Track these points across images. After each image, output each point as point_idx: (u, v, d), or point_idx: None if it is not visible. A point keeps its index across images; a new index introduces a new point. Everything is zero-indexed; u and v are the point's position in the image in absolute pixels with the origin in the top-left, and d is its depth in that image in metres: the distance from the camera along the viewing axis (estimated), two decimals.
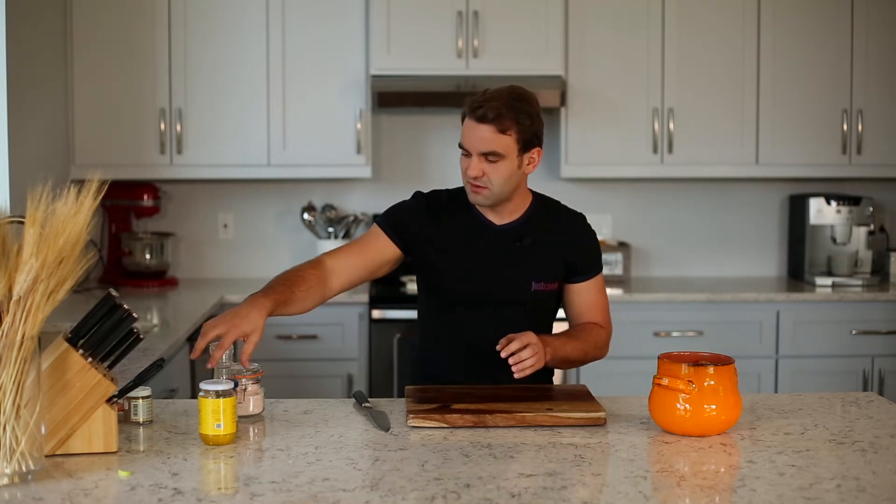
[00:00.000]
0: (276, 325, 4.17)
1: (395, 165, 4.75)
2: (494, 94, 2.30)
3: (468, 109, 2.31)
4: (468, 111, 2.31)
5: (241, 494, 1.62)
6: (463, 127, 2.33)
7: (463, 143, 2.32)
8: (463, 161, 2.33)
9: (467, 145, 2.31)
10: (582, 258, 2.45)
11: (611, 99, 4.43)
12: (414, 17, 4.30)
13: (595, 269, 2.47)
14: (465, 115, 2.33)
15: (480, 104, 2.28)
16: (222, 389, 1.88)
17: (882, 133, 4.49)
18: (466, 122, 2.32)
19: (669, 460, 1.81)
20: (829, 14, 4.45)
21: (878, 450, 1.87)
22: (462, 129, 2.33)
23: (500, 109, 2.27)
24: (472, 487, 1.63)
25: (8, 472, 1.63)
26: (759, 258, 4.83)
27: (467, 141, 2.30)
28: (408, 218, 2.46)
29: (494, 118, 2.26)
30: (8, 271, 1.63)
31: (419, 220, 2.45)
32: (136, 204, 4.49)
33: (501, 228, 2.42)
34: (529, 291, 2.40)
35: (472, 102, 2.30)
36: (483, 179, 2.31)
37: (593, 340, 2.41)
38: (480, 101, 2.29)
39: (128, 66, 4.31)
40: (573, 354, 2.36)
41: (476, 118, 2.28)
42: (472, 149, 2.30)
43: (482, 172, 2.29)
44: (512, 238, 2.41)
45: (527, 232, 2.42)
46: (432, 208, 2.47)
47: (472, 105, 2.30)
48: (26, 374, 1.64)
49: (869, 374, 4.25)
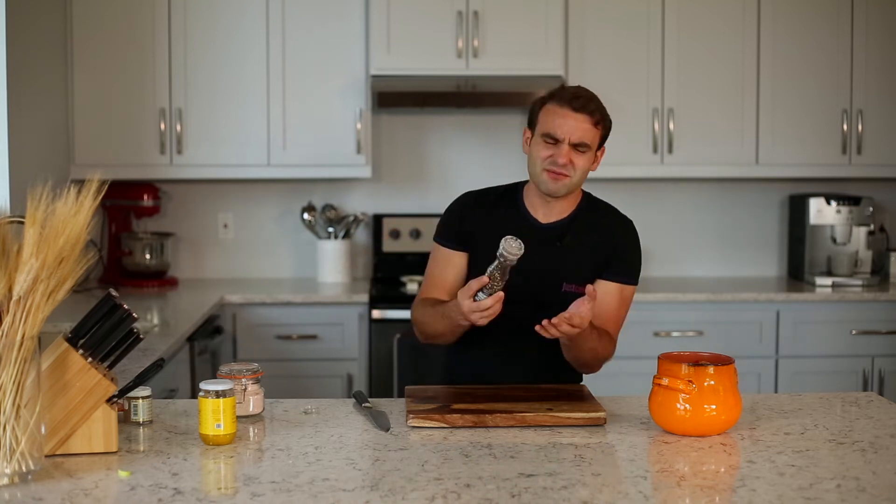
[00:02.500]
0: (276, 325, 4.17)
1: (395, 165, 4.75)
2: (580, 89, 2.37)
3: (561, 100, 2.33)
4: (560, 101, 2.33)
5: (241, 494, 1.62)
6: (547, 115, 2.34)
7: (552, 131, 2.32)
8: (544, 148, 2.34)
9: (560, 133, 2.32)
10: (616, 261, 2.43)
11: (611, 99, 4.35)
12: (414, 17, 4.30)
13: (624, 277, 2.44)
14: (542, 104, 2.36)
15: (577, 95, 2.33)
16: (222, 389, 1.88)
17: (882, 133, 4.50)
18: (556, 111, 2.33)
19: (669, 460, 1.81)
20: (828, 14, 4.45)
21: (878, 450, 1.87)
22: (542, 117, 2.36)
23: (596, 103, 2.34)
24: (472, 487, 1.63)
25: (8, 472, 1.63)
26: (759, 258, 4.83)
27: (560, 129, 2.32)
28: (455, 219, 2.49)
29: (594, 110, 2.32)
30: (8, 271, 1.63)
31: (466, 215, 2.48)
32: (136, 204, 4.49)
33: (545, 227, 2.42)
34: (559, 293, 2.38)
35: (565, 93, 2.34)
36: (568, 167, 2.33)
37: (602, 350, 2.37)
38: (574, 92, 2.34)
39: (128, 66, 4.31)
40: (587, 354, 2.34)
41: (573, 108, 2.31)
42: (566, 136, 2.32)
43: (570, 160, 2.32)
44: (553, 237, 2.41)
45: (569, 231, 2.42)
46: (480, 203, 2.49)
47: (566, 96, 2.34)
48: (26, 374, 1.64)
49: (869, 374, 4.25)
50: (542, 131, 2.34)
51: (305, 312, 4.18)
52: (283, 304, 4.18)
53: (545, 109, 2.36)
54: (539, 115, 2.38)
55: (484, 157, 4.69)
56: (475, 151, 4.74)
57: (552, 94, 2.38)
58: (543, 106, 2.37)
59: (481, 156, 4.71)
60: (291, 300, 4.18)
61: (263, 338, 4.17)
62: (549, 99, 2.37)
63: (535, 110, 2.40)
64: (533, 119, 2.40)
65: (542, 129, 2.35)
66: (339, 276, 4.51)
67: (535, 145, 2.37)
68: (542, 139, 2.35)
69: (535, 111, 2.40)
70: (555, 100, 2.35)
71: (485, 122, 4.75)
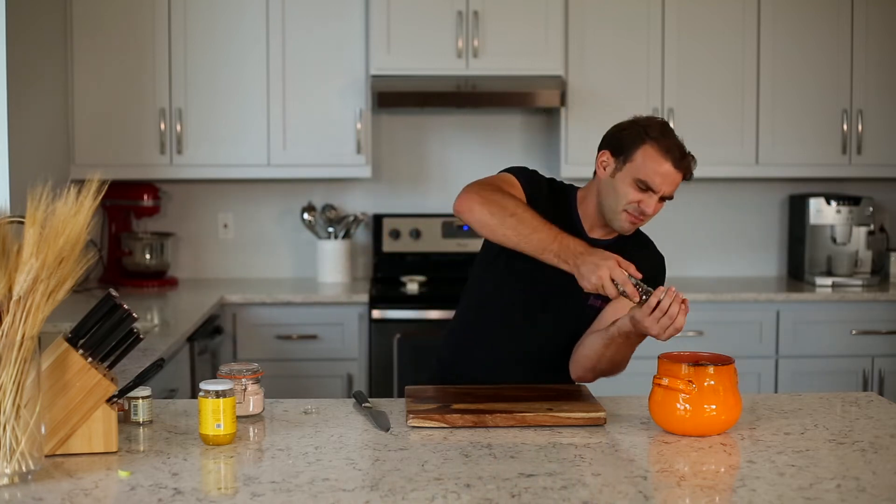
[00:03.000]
0: (276, 325, 4.18)
1: (395, 165, 4.75)
2: (675, 138, 2.28)
3: (662, 148, 2.24)
4: (662, 149, 2.24)
5: (241, 494, 1.62)
6: (647, 161, 2.25)
7: (650, 182, 2.24)
8: (634, 192, 2.26)
9: (661, 187, 2.25)
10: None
11: (611, 99, 4.43)
12: (414, 17, 4.30)
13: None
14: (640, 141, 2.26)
15: (677, 145, 2.26)
16: (222, 389, 1.88)
17: (882, 133, 4.50)
18: (657, 160, 2.24)
19: (669, 460, 1.81)
20: (828, 14, 4.45)
21: (878, 450, 1.86)
22: (640, 158, 2.26)
23: (689, 156, 2.28)
24: (472, 487, 1.63)
25: (8, 472, 1.63)
26: (759, 258, 4.83)
27: (662, 184, 2.25)
28: (536, 184, 2.37)
29: (688, 166, 2.27)
30: (8, 271, 1.63)
31: (539, 194, 2.37)
32: (136, 204, 4.49)
33: (590, 241, 2.31)
34: (585, 306, 2.36)
35: (666, 141, 2.25)
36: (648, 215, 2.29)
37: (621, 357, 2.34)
38: (675, 142, 2.26)
39: (128, 66, 4.31)
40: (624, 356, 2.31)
41: (675, 164, 2.24)
42: (663, 191, 2.26)
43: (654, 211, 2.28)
44: None
45: (612, 251, 2.27)
46: (545, 191, 2.39)
47: (667, 144, 2.25)
48: (26, 374, 1.64)
49: (869, 374, 4.25)
50: (638, 176, 2.25)
51: (305, 312, 4.18)
52: (283, 304, 4.18)
53: (644, 151, 2.25)
54: (635, 154, 2.26)
55: (484, 157, 4.69)
56: (475, 151, 4.74)
57: (649, 131, 2.26)
58: (642, 145, 2.26)
59: (481, 156, 4.71)
60: (291, 300, 4.18)
61: (263, 338, 4.17)
62: (648, 138, 2.26)
63: (628, 141, 2.28)
64: (623, 149, 2.29)
65: (637, 173, 2.25)
66: (339, 276, 4.51)
67: (622, 183, 2.27)
68: (634, 182, 2.26)
69: (627, 142, 2.28)
70: (656, 145, 2.25)
71: (485, 122, 4.75)
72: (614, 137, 2.34)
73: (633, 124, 2.33)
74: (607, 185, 2.32)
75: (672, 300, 2.05)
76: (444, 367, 2.53)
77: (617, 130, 2.35)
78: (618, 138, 2.32)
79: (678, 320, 2.05)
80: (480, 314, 2.46)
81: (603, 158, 2.34)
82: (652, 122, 2.31)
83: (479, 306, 2.47)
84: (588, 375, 2.40)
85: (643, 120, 2.33)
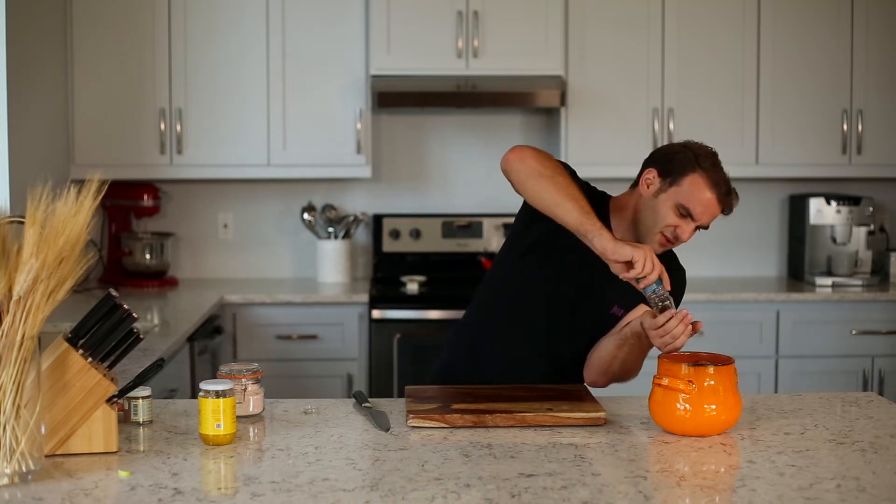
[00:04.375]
0: (276, 325, 4.18)
1: (395, 165, 4.75)
2: (723, 172, 2.29)
3: (710, 180, 2.25)
4: (710, 181, 2.25)
5: (241, 494, 1.62)
6: (693, 189, 2.26)
7: (692, 210, 2.26)
8: (673, 216, 2.27)
9: (701, 217, 2.27)
10: None
11: (611, 99, 4.43)
12: (414, 17, 4.30)
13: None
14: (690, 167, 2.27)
15: (730, 191, 2.28)
16: (222, 389, 1.88)
17: (882, 133, 4.50)
18: (702, 190, 2.25)
19: (669, 460, 1.81)
20: (828, 14, 4.45)
21: (878, 450, 1.87)
22: (686, 185, 2.26)
23: (734, 193, 2.30)
24: (472, 487, 1.63)
25: (8, 472, 1.63)
26: (759, 258, 4.83)
27: (703, 213, 2.27)
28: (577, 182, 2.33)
29: (730, 204, 2.29)
30: (8, 271, 1.63)
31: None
32: (136, 204, 4.49)
33: None
34: (607, 313, 2.37)
35: (714, 174, 2.26)
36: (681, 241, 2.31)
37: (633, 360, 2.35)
38: (729, 187, 2.28)
39: (128, 66, 4.31)
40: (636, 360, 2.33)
41: (719, 198, 2.26)
42: (703, 221, 2.28)
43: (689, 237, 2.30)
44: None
45: None
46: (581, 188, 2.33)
47: (715, 178, 2.26)
48: (26, 374, 1.64)
49: (869, 374, 4.25)
50: (681, 202, 2.26)
51: (305, 312, 4.18)
52: (283, 304, 4.18)
53: (693, 179, 2.26)
54: (683, 179, 2.26)
55: (484, 157, 4.69)
56: (475, 151, 4.74)
57: (701, 161, 2.27)
58: (692, 172, 2.26)
59: (481, 156, 4.71)
60: (291, 300, 4.18)
61: (263, 338, 4.17)
62: (699, 167, 2.26)
63: (678, 165, 2.28)
64: (671, 172, 2.29)
65: (681, 198, 2.26)
66: (339, 276, 4.51)
67: (664, 205, 2.28)
68: (675, 207, 2.27)
69: (678, 167, 2.28)
70: (706, 176, 2.26)
71: (485, 122, 4.75)
72: (665, 158, 2.33)
73: (685, 149, 2.32)
74: (648, 203, 2.32)
75: (679, 323, 2.10)
76: (448, 368, 2.51)
77: (668, 152, 2.34)
78: (668, 160, 2.32)
79: (679, 340, 2.10)
80: (500, 314, 2.45)
81: (649, 176, 2.33)
82: (705, 151, 2.31)
83: (499, 306, 2.45)
84: (601, 380, 2.40)
85: (696, 147, 2.32)
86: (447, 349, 2.55)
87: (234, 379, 2.04)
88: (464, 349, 2.50)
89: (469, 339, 2.49)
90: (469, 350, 2.48)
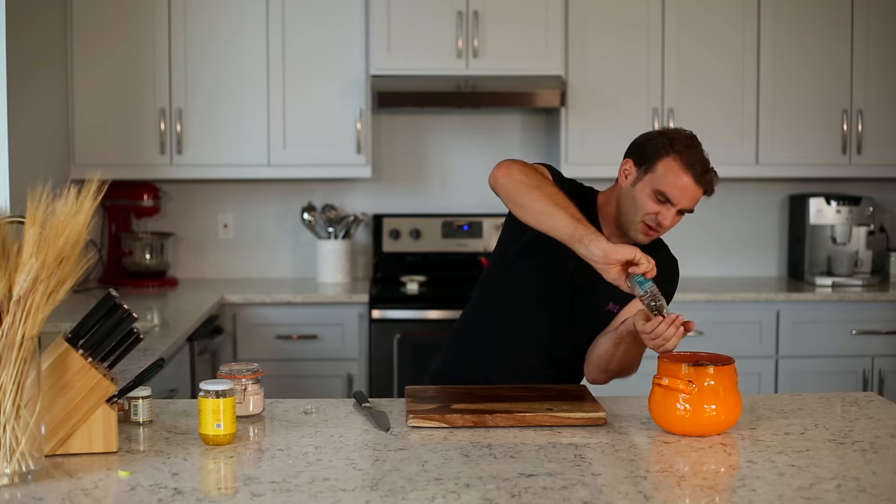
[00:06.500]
0: (276, 325, 4.18)
1: (395, 165, 4.75)
2: (700, 150, 2.25)
3: (684, 161, 2.22)
4: (684, 163, 2.22)
5: (241, 494, 1.62)
6: (668, 173, 2.23)
7: (669, 195, 2.23)
8: (652, 203, 2.25)
9: (680, 200, 2.24)
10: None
11: (611, 99, 4.43)
12: (414, 17, 4.30)
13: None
14: (663, 152, 2.24)
15: (707, 169, 2.24)
16: (222, 389, 1.88)
17: (882, 133, 4.50)
18: (678, 173, 2.23)
19: (669, 460, 1.81)
20: (828, 14, 4.45)
21: (878, 450, 1.87)
22: (661, 170, 2.24)
23: (712, 171, 2.25)
24: (472, 487, 1.63)
25: (8, 472, 1.63)
26: (759, 258, 4.83)
27: (681, 197, 2.23)
28: (561, 184, 2.32)
29: (710, 181, 2.24)
30: (8, 271, 1.63)
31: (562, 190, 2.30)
32: (136, 204, 4.49)
33: None
34: (604, 311, 2.37)
35: (689, 155, 2.23)
36: (665, 228, 2.28)
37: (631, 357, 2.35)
38: (706, 166, 2.24)
39: (128, 66, 4.31)
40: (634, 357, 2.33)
41: (696, 179, 2.22)
42: (682, 204, 2.24)
43: (672, 223, 2.27)
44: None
45: None
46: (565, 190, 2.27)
47: (689, 159, 2.22)
48: (26, 374, 1.64)
49: (869, 374, 4.26)
50: (657, 188, 2.24)
51: (305, 312, 4.18)
52: (283, 304, 4.18)
53: (666, 163, 2.23)
54: (657, 165, 2.25)
55: (484, 157, 4.69)
56: (475, 151, 4.74)
57: (674, 144, 2.24)
58: (665, 157, 2.24)
59: (481, 156, 4.71)
60: (291, 300, 4.18)
61: (263, 338, 4.17)
62: (672, 151, 2.24)
63: (651, 152, 2.27)
64: (646, 159, 2.27)
65: (657, 184, 2.24)
66: (339, 276, 4.51)
67: (642, 193, 2.26)
68: (653, 193, 2.25)
69: (651, 153, 2.27)
70: (679, 158, 2.23)
71: (485, 122, 4.75)
72: (639, 147, 2.32)
73: (660, 135, 2.31)
74: (627, 194, 2.31)
75: (669, 327, 2.09)
76: (447, 368, 2.51)
77: (643, 140, 2.33)
78: (642, 148, 2.30)
79: (671, 342, 2.10)
80: (499, 314, 2.45)
81: (626, 167, 2.33)
82: (679, 134, 2.29)
83: (498, 306, 2.45)
84: (601, 377, 2.41)
85: (671, 132, 2.31)
86: (446, 349, 2.55)
87: (234, 379, 2.05)
88: (463, 349, 2.50)
89: (468, 340, 2.50)
90: (469, 350, 2.49)
